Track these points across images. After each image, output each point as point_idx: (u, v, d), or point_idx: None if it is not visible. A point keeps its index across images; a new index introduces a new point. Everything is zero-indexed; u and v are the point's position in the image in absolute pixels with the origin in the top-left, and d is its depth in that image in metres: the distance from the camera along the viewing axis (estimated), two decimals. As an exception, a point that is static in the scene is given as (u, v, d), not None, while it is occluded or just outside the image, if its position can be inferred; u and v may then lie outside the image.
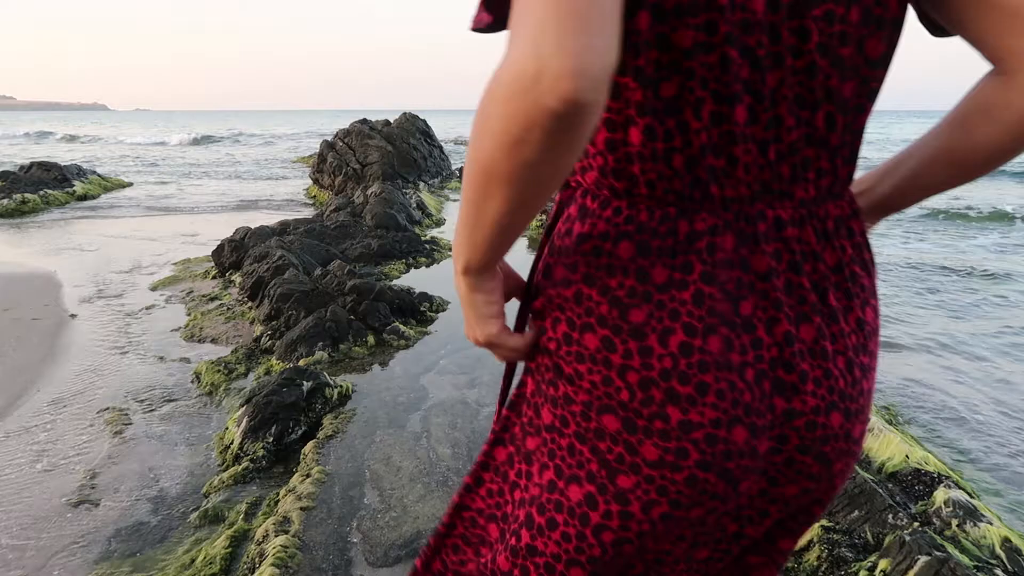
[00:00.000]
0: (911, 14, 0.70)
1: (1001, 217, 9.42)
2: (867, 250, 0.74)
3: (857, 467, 2.32)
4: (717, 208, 0.65)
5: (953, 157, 0.72)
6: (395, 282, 5.26)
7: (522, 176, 0.55)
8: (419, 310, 4.53)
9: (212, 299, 5.07)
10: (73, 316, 4.67)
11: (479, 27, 0.64)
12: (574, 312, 0.69)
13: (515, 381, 0.83)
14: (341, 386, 3.29)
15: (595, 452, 0.69)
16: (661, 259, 0.65)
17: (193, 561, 2.10)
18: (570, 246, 0.70)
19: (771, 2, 0.61)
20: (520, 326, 0.79)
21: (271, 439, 2.80)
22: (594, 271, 0.67)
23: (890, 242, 7.87)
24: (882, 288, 5.62)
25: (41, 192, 10.67)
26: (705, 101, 0.62)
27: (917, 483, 2.35)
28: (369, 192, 9.06)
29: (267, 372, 3.56)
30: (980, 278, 6.00)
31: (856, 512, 2.15)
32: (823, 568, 1.99)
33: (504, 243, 0.65)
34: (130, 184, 14.02)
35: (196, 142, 33.25)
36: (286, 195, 12.33)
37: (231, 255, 5.86)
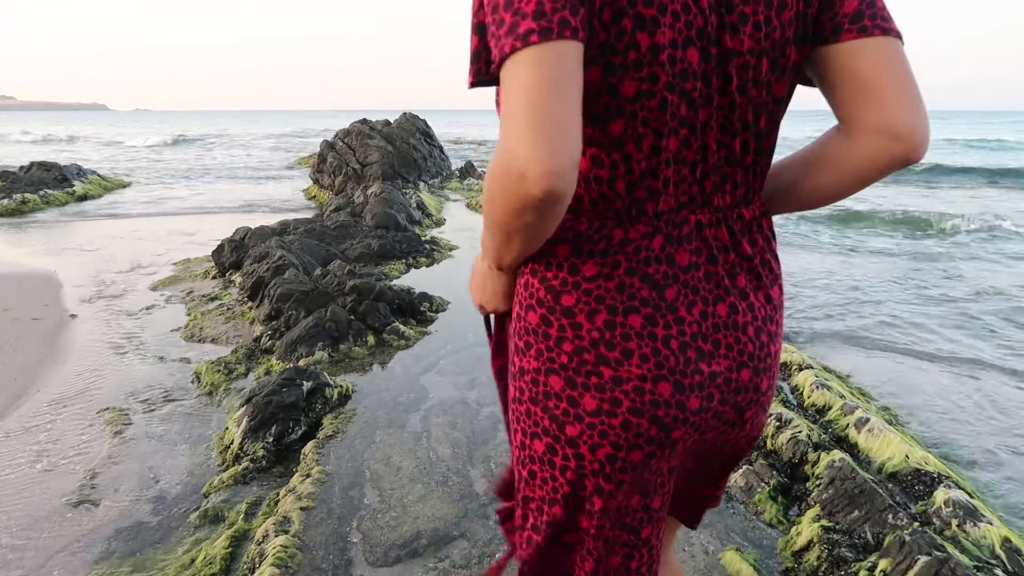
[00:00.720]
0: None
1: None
2: (774, 241, 0.93)
3: (857, 467, 2.32)
4: (651, 219, 0.82)
5: (798, 192, 0.92)
6: (395, 282, 5.27)
7: (527, 230, 0.75)
8: (419, 310, 4.53)
9: (212, 299, 5.07)
10: (73, 316, 4.67)
11: (471, 85, 0.79)
12: (522, 296, 0.88)
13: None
14: (341, 386, 3.29)
15: (546, 411, 0.86)
16: (592, 258, 0.82)
17: (193, 561, 2.10)
18: None
19: (704, 54, 0.76)
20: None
21: (271, 439, 2.80)
22: (537, 265, 0.86)
23: (878, 236, 7.88)
24: (877, 291, 5.62)
25: (41, 192, 10.67)
26: (646, 136, 0.77)
27: (917, 483, 2.35)
28: (369, 192, 9.05)
29: (267, 372, 3.56)
30: (967, 280, 6.00)
31: (856, 512, 2.14)
32: (823, 568, 1.99)
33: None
34: (130, 184, 14.03)
35: (174, 143, 31.52)
36: (286, 195, 12.33)
37: (231, 255, 5.86)
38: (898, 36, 0.79)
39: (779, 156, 0.96)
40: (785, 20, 0.79)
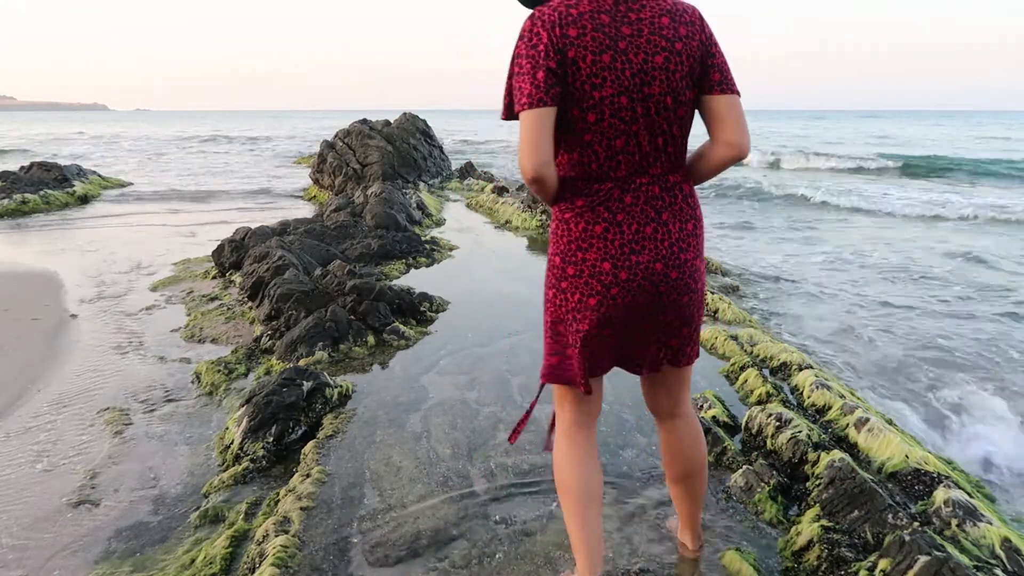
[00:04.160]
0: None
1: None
2: (692, 197, 1.62)
3: (857, 467, 2.32)
4: (613, 180, 1.55)
5: (693, 171, 1.64)
6: (395, 282, 5.26)
7: (538, 193, 1.55)
8: (419, 310, 4.53)
9: (212, 299, 5.07)
10: (73, 316, 4.68)
11: (505, 118, 1.57)
12: (553, 213, 1.64)
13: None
14: (341, 386, 3.29)
15: (553, 274, 1.62)
16: (582, 197, 1.56)
17: (193, 561, 2.10)
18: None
19: (630, 98, 1.49)
20: None
21: (271, 439, 2.80)
22: (561, 201, 1.60)
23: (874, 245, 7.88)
24: (876, 291, 5.61)
25: (41, 192, 10.67)
26: (602, 140, 1.52)
27: (917, 483, 2.35)
28: (369, 192, 9.05)
29: (267, 372, 3.56)
30: (960, 279, 6.00)
31: (856, 512, 2.14)
32: (823, 568, 1.99)
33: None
34: (130, 184, 14.03)
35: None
36: (286, 195, 12.33)
37: (231, 255, 5.86)
38: (738, 94, 1.56)
39: (781, 147, 1.06)
40: (678, 78, 1.51)
